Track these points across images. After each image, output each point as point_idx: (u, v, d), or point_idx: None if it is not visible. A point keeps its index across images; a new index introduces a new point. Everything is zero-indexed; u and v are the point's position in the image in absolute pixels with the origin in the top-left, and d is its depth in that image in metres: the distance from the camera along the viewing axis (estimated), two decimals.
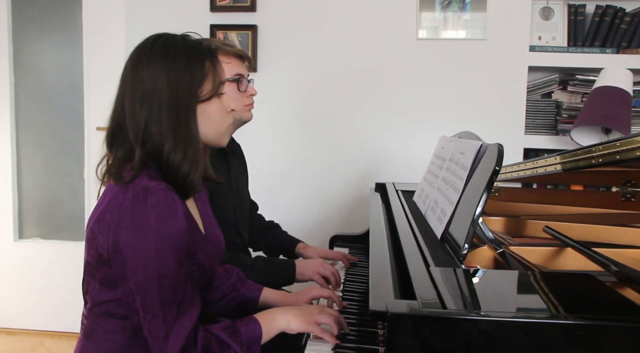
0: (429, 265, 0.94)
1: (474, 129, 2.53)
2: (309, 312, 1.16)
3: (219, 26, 2.69)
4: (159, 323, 0.96)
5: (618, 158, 0.94)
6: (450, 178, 1.33)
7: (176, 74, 1.04)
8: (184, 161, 1.04)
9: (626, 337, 0.66)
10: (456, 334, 0.68)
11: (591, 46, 2.54)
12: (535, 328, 0.67)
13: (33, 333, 3.04)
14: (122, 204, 0.98)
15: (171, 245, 0.97)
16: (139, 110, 1.03)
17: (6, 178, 3.01)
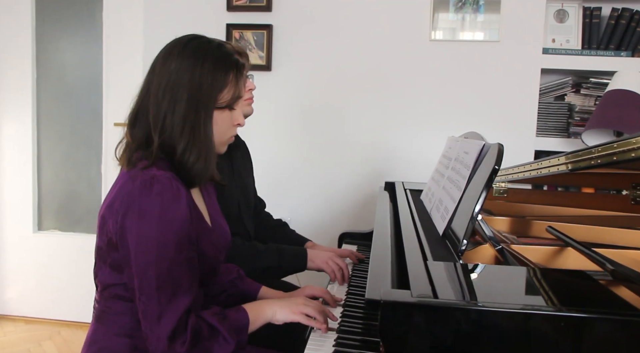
0: (426, 259, 0.97)
1: (486, 131, 2.55)
2: (294, 302, 1.21)
3: (235, 25, 2.74)
4: (153, 304, 1.01)
5: (615, 159, 0.96)
6: (454, 176, 1.35)
7: (200, 75, 1.09)
8: (197, 162, 1.10)
9: (609, 328, 0.69)
10: (446, 322, 0.71)
11: (606, 49, 2.54)
12: (521, 318, 0.70)
13: (50, 322, 3.12)
14: (131, 191, 1.03)
15: (172, 231, 1.02)
16: (161, 98, 1.09)
17: (27, 172, 3.10)
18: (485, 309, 0.71)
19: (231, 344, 1.07)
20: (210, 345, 1.06)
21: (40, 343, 2.86)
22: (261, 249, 1.66)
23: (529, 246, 1.31)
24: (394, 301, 0.72)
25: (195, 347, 1.03)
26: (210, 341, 1.06)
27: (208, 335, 1.06)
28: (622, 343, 0.70)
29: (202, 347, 1.04)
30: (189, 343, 1.02)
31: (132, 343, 1.11)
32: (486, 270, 0.91)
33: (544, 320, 0.70)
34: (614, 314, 0.70)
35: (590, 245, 1.22)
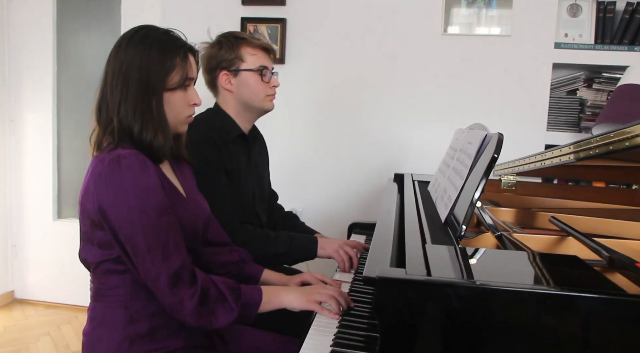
0: (425, 242, 1.01)
1: (496, 125, 2.58)
2: (309, 291, 1.27)
3: (249, 19, 2.79)
4: (148, 265, 1.10)
5: (611, 149, 0.99)
6: (458, 166, 1.39)
7: (148, 61, 1.18)
8: (155, 139, 1.18)
9: (593, 306, 0.72)
10: (437, 298, 0.75)
11: (619, 44, 2.54)
12: (507, 295, 0.74)
13: (69, 307, 3.22)
14: (102, 172, 1.11)
15: (148, 198, 1.11)
16: (115, 86, 1.18)
17: (47, 161, 3.19)
18: (473, 286, 0.75)
19: (235, 312, 1.14)
20: (216, 307, 1.14)
21: (59, 327, 2.96)
22: (273, 236, 1.71)
23: (530, 235, 1.34)
24: (389, 278, 0.77)
25: (202, 306, 1.11)
26: (217, 304, 1.14)
27: (215, 297, 1.13)
28: (604, 320, 0.73)
29: (208, 308, 1.13)
30: (197, 299, 1.10)
31: (128, 314, 1.18)
32: (480, 252, 0.95)
33: (530, 297, 0.73)
34: (598, 293, 0.73)
35: (593, 236, 1.25)
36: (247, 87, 1.74)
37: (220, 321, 1.14)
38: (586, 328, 0.73)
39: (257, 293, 1.21)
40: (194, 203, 1.32)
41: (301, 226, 2.06)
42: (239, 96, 1.75)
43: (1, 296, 3.22)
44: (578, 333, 0.73)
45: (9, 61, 3.15)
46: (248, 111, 1.79)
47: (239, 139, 1.78)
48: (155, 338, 1.20)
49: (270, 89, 1.77)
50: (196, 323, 1.13)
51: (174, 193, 1.23)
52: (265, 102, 1.78)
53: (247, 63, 1.73)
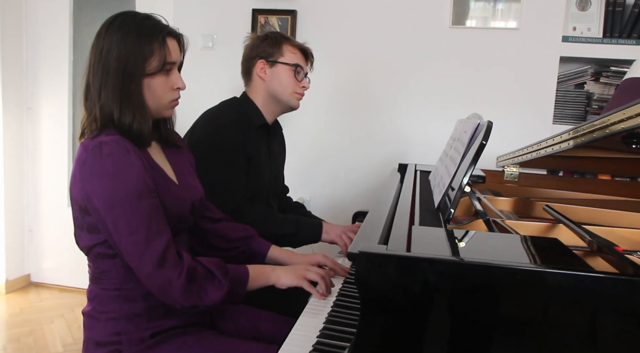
0: (413, 224, 1.05)
1: (503, 117, 2.61)
2: (298, 268, 1.32)
3: (260, 11, 2.83)
4: (131, 247, 1.13)
5: (594, 136, 1.02)
6: (454, 154, 1.42)
7: (126, 48, 1.19)
8: (134, 122, 1.20)
9: (556, 281, 0.76)
10: (412, 272, 0.79)
11: (628, 38, 2.54)
12: (478, 270, 0.77)
13: (82, 291, 3.30)
14: (86, 159, 1.15)
15: (128, 182, 1.13)
16: (96, 74, 1.21)
17: (63, 149, 3.27)
18: (447, 261, 0.79)
19: (225, 287, 1.18)
20: (206, 284, 1.17)
21: (72, 310, 3.05)
22: (280, 217, 1.78)
23: (522, 222, 1.37)
24: (369, 253, 0.81)
25: (190, 284, 1.15)
26: (205, 281, 1.17)
27: (203, 275, 1.17)
28: (569, 295, 0.77)
29: (197, 286, 1.16)
30: (184, 279, 1.14)
31: (122, 294, 1.23)
32: (463, 234, 0.98)
33: (502, 272, 0.77)
34: (563, 269, 0.77)
35: (588, 225, 1.28)
36: (279, 80, 1.83)
37: (210, 297, 1.17)
38: (552, 302, 0.77)
39: (244, 270, 1.25)
40: (184, 186, 1.35)
41: (307, 215, 2.12)
42: (269, 86, 1.83)
43: (18, 280, 3.33)
44: (545, 307, 0.77)
45: (27, 52, 3.24)
46: (274, 103, 1.87)
47: (261, 129, 1.86)
48: (151, 317, 1.24)
49: (299, 88, 1.87)
50: (186, 302, 1.15)
51: (160, 177, 1.26)
52: (292, 98, 1.86)
53: (285, 58, 1.83)
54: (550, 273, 0.76)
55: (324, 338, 1.08)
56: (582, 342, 0.78)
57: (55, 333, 2.76)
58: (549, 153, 1.35)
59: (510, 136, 2.53)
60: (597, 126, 0.99)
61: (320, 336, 1.10)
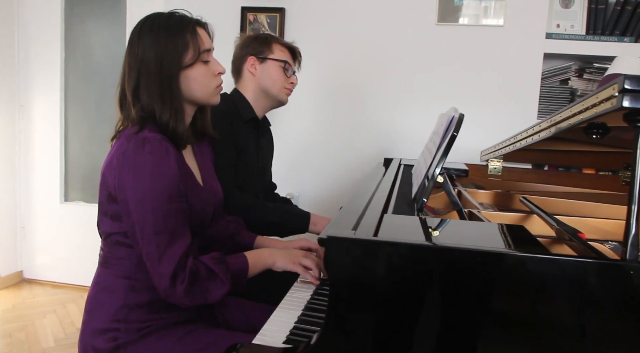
0: (386, 212, 1.09)
1: (488, 112, 2.65)
2: (294, 253, 1.36)
3: (249, 8, 2.87)
4: (153, 248, 1.16)
5: (560, 127, 1.05)
6: (432, 147, 1.46)
7: (160, 47, 1.23)
8: (171, 119, 1.24)
9: (514, 264, 0.80)
10: (376, 256, 0.83)
11: (610, 35, 2.58)
12: (440, 253, 0.81)
13: (74, 287, 3.34)
14: (126, 151, 1.18)
15: (163, 184, 1.17)
16: (131, 78, 1.25)
17: (55, 146, 3.30)
18: (409, 244, 0.83)
19: (227, 285, 1.21)
20: (208, 284, 1.20)
21: (65, 305, 3.08)
22: (269, 206, 1.82)
23: (497, 213, 1.41)
24: (337, 237, 0.85)
25: (194, 286, 1.18)
26: (209, 281, 1.20)
27: (206, 275, 1.20)
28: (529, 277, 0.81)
29: (201, 286, 1.19)
30: (187, 282, 1.16)
31: (130, 283, 1.26)
32: (432, 221, 1.02)
33: (462, 254, 0.81)
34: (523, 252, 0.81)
35: (563, 215, 1.32)
36: (268, 75, 1.89)
37: (213, 296, 1.21)
38: (509, 283, 0.81)
39: (243, 260, 1.29)
40: (208, 188, 1.38)
41: (295, 208, 2.15)
42: (259, 81, 1.89)
43: (11, 276, 3.35)
44: (503, 287, 0.81)
45: (19, 49, 3.27)
46: (264, 98, 1.92)
47: (250, 123, 1.90)
48: (152, 309, 1.27)
49: (288, 83, 1.94)
50: (191, 303, 1.19)
51: (190, 180, 1.30)
52: (281, 93, 1.93)
53: (275, 55, 1.90)
54: (508, 255, 0.80)
55: (301, 324, 1.12)
56: (540, 320, 0.82)
57: (48, 328, 2.79)
58: (524, 145, 1.38)
59: (495, 131, 2.57)
60: (563, 117, 1.02)
61: (298, 321, 1.13)
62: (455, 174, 2.00)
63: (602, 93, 0.85)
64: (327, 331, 0.87)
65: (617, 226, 1.33)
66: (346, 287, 0.85)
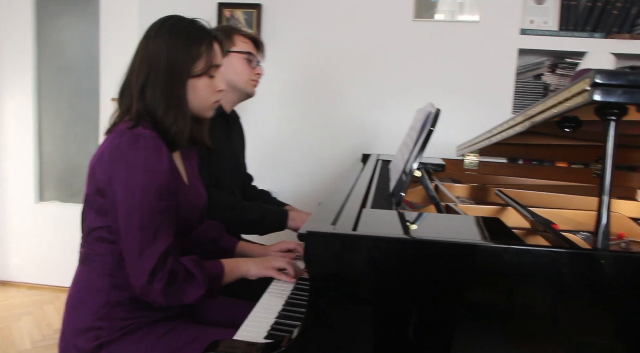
0: (364, 207, 1.10)
1: (464, 107, 2.68)
2: (265, 259, 1.38)
3: (226, 4, 2.85)
4: (135, 243, 1.15)
5: (536, 120, 1.08)
6: (409, 142, 1.48)
7: (175, 50, 1.25)
8: (174, 124, 1.25)
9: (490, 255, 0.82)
10: (354, 250, 0.84)
11: (582, 31, 2.63)
12: (418, 245, 0.83)
13: (51, 288, 3.29)
14: (119, 145, 1.18)
15: (154, 180, 1.17)
16: (141, 73, 1.25)
17: (28, 145, 3.24)
18: (386, 238, 0.84)
19: (203, 288, 1.21)
20: (185, 286, 1.20)
21: (41, 307, 3.03)
22: (246, 204, 1.82)
23: (473, 206, 1.43)
24: (316, 232, 0.85)
25: (171, 285, 1.18)
26: (186, 282, 1.20)
27: (184, 277, 1.20)
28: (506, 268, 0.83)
29: (178, 286, 1.19)
30: (165, 280, 1.16)
31: (112, 281, 1.25)
32: (410, 215, 1.04)
33: (438, 247, 0.82)
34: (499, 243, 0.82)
35: (538, 208, 1.34)
36: (233, 69, 1.87)
37: (189, 297, 1.21)
38: (486, 274, 0.82)
39: (219, 266, 1.29)
40: (194, 191, 1.39)
41: (273, 200, 2.16)
42: (225, 75, 1.85)
43: None
44: (480, 278, 0.83)
45: None
46: (231, 92, 1.90)
47: (219, 118, 1.88)
48: (134, 307, 1.26)
49: (254, 75, 1.92)
50: (166, 303, 1.19)
51: (179, 181, 1.30)
52: (248, 85, 1.91)
53: (237, 47, 1.87)
54: (484, 247, 0.81)
55: (282, 319, 1.13)
56: (517, 309, 0.84)
57: (24, 330, 2.74)
58: (500, 139, 1.41)
59: (471, 126, 2.60)
60: (537, 111, 1.05)
61: (279, 317, 1.14)
62: (432, 169, 2.02)
63: (574, 87, 0.87)
64: (308, 325, 0.88)
65: (589, 217, 1.36)
66: (326, 281, 0.86)
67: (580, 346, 0.84)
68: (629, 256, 0.84)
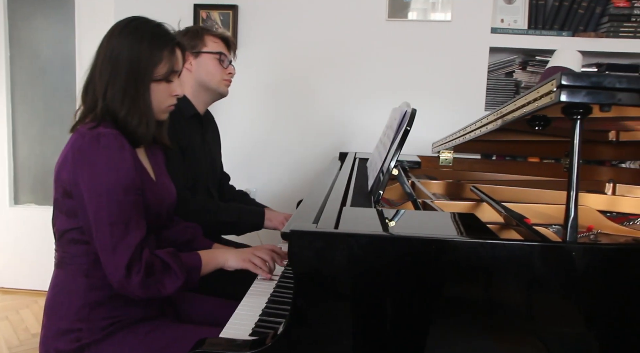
0: (344, 205, 1.13)
1: (438, 105, 2.73)
2: (245, 251, 1.40)
3: (202, 6, 2.85)
4: (107, 238, 1.17)
5: (508, 119, 1.12)
6: (386, 141, 1.51)
7: (138, 52, 1.25)
8: (140, 125, 1.27)
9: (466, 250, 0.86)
10: (339, 247, 0.87)
11: (550, 29, 2.71)
12: (398, 242, 0.86)
13: (27, 292, 3.25)
14: (81, 146, 1.20)
15: (119, 176, 1.19)
16: (104, 72, 1.26)
17: (2, 147, 3.19)
18: (368, 235, 0.88)
19: (181, 279, 1.24)
20: (163, 277, 1.22)
21: (18, 311, 2.99)
22: (222, 205, 1.83)
23: (449, 202, 1.48)
24: (299, 231, 0.88)
25: (149, 277, 1.19)
26: (163, 274, 1.22)
27: (161, 268, 1.22)
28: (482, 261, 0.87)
29: (155, 279, 1.21)
30: (142, 273, 1.18)
31: (89, 282, 1.26)
32: (389, 212, 1.07)
33: (419, 243, 0.86)
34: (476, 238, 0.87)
35: (510, 203, 1.39)
36: (205, 69, 1.87)
37: (168, 289, 1.22)
38: (464, 268, 0.86)
39: (197, 258, 1.31)
40: (161, 186, 1.40)
41: (251, 202, 2.17)
42: (197, 76, 1.88)
43: None
44: (457, 272, 0.87)
45: None
46: (204, 92, 1.91)
47: (193, 119, 1.89)
48: (114, 306, 1.27)
49: (226, 74, 1.92)
50: (145, 295, 1.20)
51: (145, 176, 1.31)
52: (220, 85, 1.91)
53: (208, 47, 1.87)
54: (460, 242, 0.85)
55: (266, 316, 1.15)
56: (492, 301, 0.88)
57: (0, 335, 2.71)
58: (474, 136, 1.46)
59: (446, 123, 2.66)
60: (508, 110, 1.09)
61: (263, 314, 1.17)
62: (408, 166, 2.07)
63: (542, 88, 0.91)
64: (293, 321, 0.91)
65: (560, 211, 1.41)
66: (310, 278, 0.89)
67: (553, 336, 0.89)
68: (596, 247, 0.89)
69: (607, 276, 0.88)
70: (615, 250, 0.89)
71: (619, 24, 2.65)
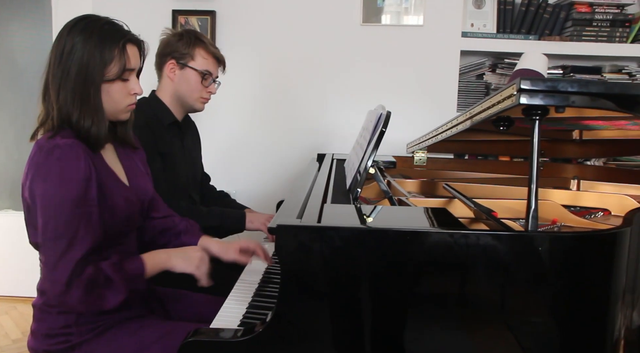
0: (325, 202, 1.21)
1: (412, 107, 2.83)
2: (192, 256, 1.36)
3: (180, 11, 2.90)
4: (50, 253, 1.16)
5: (476, 120, 1.21)
6: (362, 142, 1.59)
7: (88, 52, 1.22)
8: (92, 126, 1.24)
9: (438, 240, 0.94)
10: (322, 240, 0.95)
11: (518, 33, 2.83)
12: (376, 234, 0.94)
13: (6, 298, 3.23)
14: (38, 160, 1.19)
15: (69, 188, 1.17)
16: (55, 74, 1.24)
17: None
18: (349, 228, 0.95)
19: (123, 293, 1.21)
20: (105, 292, 1.19)
21: None
22: (204, 211, 1.87)
23: (423, 199, 1.56)
24: (285, 225, 0.95)
25: (90, 293, 1.17)
26: (105, 289, 1.19)
27: (103, 283, 1.19)
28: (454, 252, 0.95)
29: (97, 294, 1.18)
30: (83, 289, 1.15)
31: None
32: (366, 208, 1.15)
33: (395, 234, 0.94)
34: (447, 229, 0.95)
35: (480, 199, 1.48)
36: (186, 83, 1.89)
37: (110, 303, 1.20)
38: (432, 257, 0.95)
39: (139, 264, 1.28)
40: (134, 187, 1.39)
41: (232, 203, 2.22)
42: (177, 87, 1.90)
43: None
44: (428, 262, 0.95)
45: None
46: (179, 104, 1.94)
47: (172, 126, 1.93)
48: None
49: (206, 93, 1.94)
50: (85, 309, 1.21)
51: (111, 179, 1.29)
52: (196, 103, 1.94)
53: (196, 63, 1.88)
54: (432, 233, 0.93)
55: (253, 309, 1.22)
56: (463, 288, 0.96)
57: None
58: (446, 136, 1.54)
59: (419, 124, 2.75)
60: (476, 111, 1.18)
61: (250, 307, 1.23)
62: (384, 166, 2.14)
63: (504, 92, 1.00)
64: (280, 312, 0.98)
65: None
66: (296, 268, 0.96)
67: (521, 321, 0.97)
68: (554, 235, 0.98)
69: (565, 262, 0.97)
70: (572, 237, 0.98)
71: (581, 28, 2.79)
